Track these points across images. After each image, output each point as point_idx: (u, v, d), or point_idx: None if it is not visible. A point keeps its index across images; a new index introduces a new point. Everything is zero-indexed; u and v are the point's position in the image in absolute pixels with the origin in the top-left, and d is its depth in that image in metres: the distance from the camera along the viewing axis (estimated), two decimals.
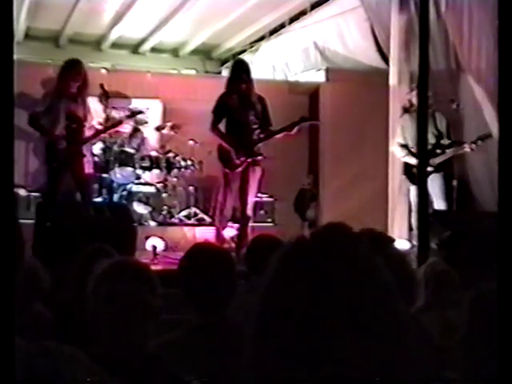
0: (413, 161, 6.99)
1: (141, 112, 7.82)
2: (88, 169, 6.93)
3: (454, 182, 7.14)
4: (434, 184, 7.09)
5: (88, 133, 6.94)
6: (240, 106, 6.58)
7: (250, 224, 6.81)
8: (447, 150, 7.15)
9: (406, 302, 2.12)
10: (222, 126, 6.77)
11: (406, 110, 7.57)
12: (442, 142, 7.24)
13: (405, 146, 7.26)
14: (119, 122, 7.29)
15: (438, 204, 7.13)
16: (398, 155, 7.46)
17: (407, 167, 7.34)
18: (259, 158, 6.65)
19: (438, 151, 7.16)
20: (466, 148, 7.02)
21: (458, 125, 7.49)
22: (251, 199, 6.75)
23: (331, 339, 0.97)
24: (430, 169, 7.01)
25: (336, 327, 0.98)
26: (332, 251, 1.05)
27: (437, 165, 7.09)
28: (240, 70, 6.65)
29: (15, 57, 2.00)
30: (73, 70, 6.77)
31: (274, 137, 6.66)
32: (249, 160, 6.59)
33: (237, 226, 6.90)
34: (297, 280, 1.03)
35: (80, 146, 6.83)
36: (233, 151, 6.57)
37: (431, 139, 7.16)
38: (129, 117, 7.60)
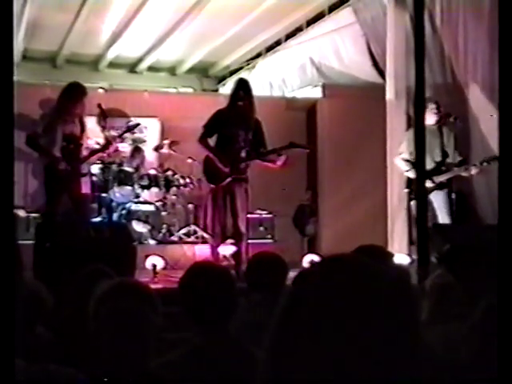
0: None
1: (138, 125, 7.85)
2: (85, 189, 6.93)
3: (453, 195, 7.13)
4: (439, 199, 7.08)
5: (86, 153, 6.96)
6: (232, 123, 6.61)
7: (246, 241, 6.80)
8: (453, 169, 7.10)
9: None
10: (212, 141, 6.82)
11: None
12: (449, 158, 7.20)
13: (408, 161, 7.21)
14: (114, 139, 7.25)
15: (443, 219, 7.11)
16: (402, 169, 7.43)
17: (410, 182, 7.31)
18: (244, 176, 6.68)
19: (443, 168, 7.13)
20: (472, 171, 6.91)
21: (462, 139, 7.45)
22: (242, 215, 6.75)
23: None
24: (431, 185, 7.00)
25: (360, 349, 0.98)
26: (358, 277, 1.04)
27: (440, 182, 7.08)
28: (238, 88, 6.70)
29: (13, 78, 2.01)
30: (74, 94, 6.79)
31: (261, 158, 6.70)
32: (233, 176, 6.61)
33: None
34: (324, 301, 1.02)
35: (78, 166, 6.84)
36: (218, 164, 6.59)
37: (437, 155, 7.15)
38: (126, 131, 7.62)
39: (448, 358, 2.69)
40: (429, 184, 7.02)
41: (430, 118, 7.08)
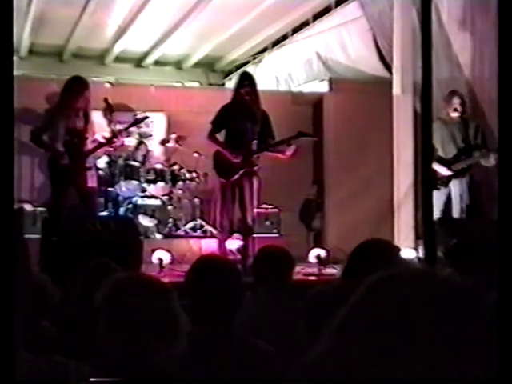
0: (437, 167, 6.96)
1: (146, 117, 7.81)
2: (91, 182, 6.92)
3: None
4: (457, 188, 7.08)
5: (91, 146, 6.94)
6: (239, 116, 6.61)
7: (254, 235, 6.81)
8: (471, 156, 7.08)
9: None
10: (221, 136, 6.81)
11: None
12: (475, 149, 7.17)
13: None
14: (120, 133, 7.19)
15: (459, 209, 7.10)
16: None
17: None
18: (255, 167, 6.68)
19: (463, 157, 7.13)
20: (491, 159, 6.79)
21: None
22: (251, 209, 6.74)
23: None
24: (450, 173, 7.00)
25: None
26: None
27: (458, 170, 7.06)
28: (243, 82, 6.70)
29: (20, 72, 2.02)
30: (75, 88, 6.77)
31: (270, 149, 6.69)
32: (244, 169, 6.60)
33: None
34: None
35: (82, 160, 6.82)
36: (229, 157, 6.59)
37: (461, 145, 7.14)
38: (133, 124, 7.58)
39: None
40: (447, 172, 7.04)
41: (454, 111, 7.10)
